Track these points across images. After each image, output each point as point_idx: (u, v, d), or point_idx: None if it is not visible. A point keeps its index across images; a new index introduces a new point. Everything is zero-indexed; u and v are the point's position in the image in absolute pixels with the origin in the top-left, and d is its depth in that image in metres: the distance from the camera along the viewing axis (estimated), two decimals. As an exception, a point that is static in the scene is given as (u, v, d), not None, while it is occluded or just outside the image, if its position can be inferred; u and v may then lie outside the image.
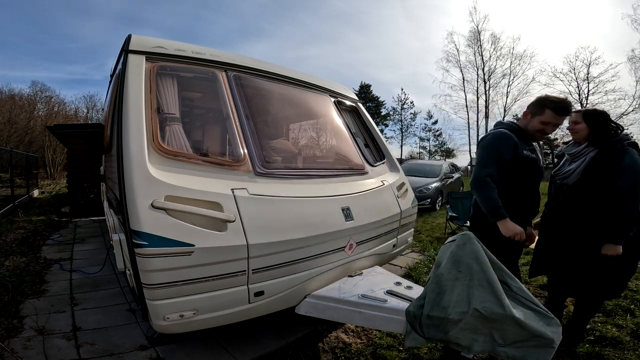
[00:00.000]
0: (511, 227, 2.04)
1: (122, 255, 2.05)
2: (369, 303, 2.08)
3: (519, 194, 2.17)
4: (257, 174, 2.24)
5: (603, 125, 2.14)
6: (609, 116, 2.19)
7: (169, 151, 2.00)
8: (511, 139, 2.11)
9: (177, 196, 1.81)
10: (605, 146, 2.12)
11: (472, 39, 30.38)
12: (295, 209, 2.20)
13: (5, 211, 7.10)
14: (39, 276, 3.56)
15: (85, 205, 7.37)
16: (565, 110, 2.11)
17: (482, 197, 2.10)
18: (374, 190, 2.93)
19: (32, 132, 24.73)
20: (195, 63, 2.41)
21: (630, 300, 3.12)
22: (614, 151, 2.08)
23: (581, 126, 2.20)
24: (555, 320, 1.68)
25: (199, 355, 2.25)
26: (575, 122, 2.24)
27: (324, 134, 4.27)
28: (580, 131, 2.21)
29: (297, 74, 3.10)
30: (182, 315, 1.81)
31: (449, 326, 1.74)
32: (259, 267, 1.99)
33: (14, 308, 2.80)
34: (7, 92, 27.16)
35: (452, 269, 1.81)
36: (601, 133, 2.14)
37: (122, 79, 2.07)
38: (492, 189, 2.07)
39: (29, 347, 2.26)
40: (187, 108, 3.76)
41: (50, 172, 23.09)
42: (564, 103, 2.14)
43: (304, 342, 2.50)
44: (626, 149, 2.07)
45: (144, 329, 2.54)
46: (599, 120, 2.16)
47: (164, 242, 1.69)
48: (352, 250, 2.53)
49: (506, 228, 2.04)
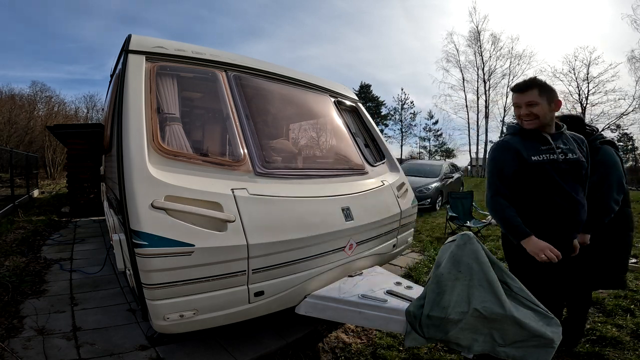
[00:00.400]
0: (534, 244, 1.76)
1: (122, 255, 2.05)
2: (369, 303, 2.08)
3: (545, 203, 1.82)
4: (257, 174, 2.24)
5: (578, 128, 2.27)
6: (583, 120, 2.39)
7: (169, 151, 2.00)
8: (510, 148, 1.85)
9: (177, 196, 1.82)
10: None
11: (472, 39, 30.41)
12: (295, 209, 2.20)
13: (5, 211, 7.09)
14: (39, 276, 3.56)
15: (85, 205, 7.37)
16: (515, 87, 1.89)
17: (498, 219, 1.90)
18: (374, 190, 2.93)
19: (32, 132, 24.72)
20: (195, 63, 2.41)
21: (630, 300, 3.12)
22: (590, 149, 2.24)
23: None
24: (555, 320, 1.68)
25: (199, 355, 2.25)
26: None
27: (324, 134, 4.27)
28: None
29: (297, 74, 3.10)
30: (182, 315, 1.81)
31: (449, 326, 1.74)
32: (259, 267, 1.99)
33: (14, 308, 2.80)
34: (7, 92, 27.18)
35: (452, 269, 1.81)
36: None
37: (122, 79, 2.07)
38: (505, 207, 1.83)
39: (29, 347, 2.26)
40: (187, 108, 3.76)
41: (50, 172, 23.09)
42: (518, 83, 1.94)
43: (304, 342, 2.50)
44: (599, 147, 2.23)
45: (144, 329, 2.54)
46: (575, 123, 2.29)
47: (164, 242, 1.69)
48: (352, 250, 2.53)
49: (530, 246, 1.77)
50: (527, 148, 1.83)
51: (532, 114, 1.81)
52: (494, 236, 5.93)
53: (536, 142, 1.85)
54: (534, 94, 1.78)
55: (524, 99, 1.81)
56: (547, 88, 1.81)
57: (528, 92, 1.80)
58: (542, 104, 1.78)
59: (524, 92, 1.81)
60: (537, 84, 1.80)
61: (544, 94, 1.78)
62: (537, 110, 1.79)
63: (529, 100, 1.79)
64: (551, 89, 1.82)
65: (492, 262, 1.78)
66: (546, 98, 1.79)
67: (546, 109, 1.80)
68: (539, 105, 1.79)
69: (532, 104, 1.79)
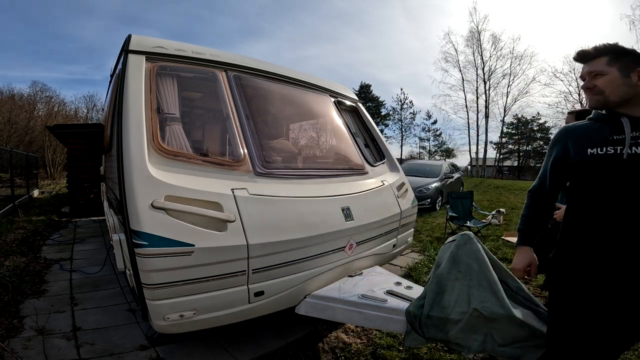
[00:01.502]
0: (516, 258, 1.51)
1: (122, 255, 2.05)
2: (369, 303, 2.08)
3: (604, 212, 1.26)
4: (257, 174, 2.24)
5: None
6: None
7: (169, 151, 2.00)
8: (561, 138, 1.43)
9: (177, 196, 1.82)
10: None
11: (471, 39, 30.41)
12: (295, 209, 2.20)
13: (5, 211, 7.09)
14: (39, 276, 3.56)
15: (85, 205, 7.37)
16: (576, 55, 1.44)
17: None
18: (374, 190, 2.93)
19: (32, 132, 24.72)
20: (195, 63, 2.41)
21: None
22: None
23: None
24: (555, 320, 1.68)
25: (199, 355, 2.25)
26: (569, 123, 2.32)
27: (324, 134, 4.27)
28: None
29: (297, 74, 3.10)
30: (182, 315, 1.81)
31: (449, 326, 1.74)
32: (259, 267, 1.99)
33: (14, 308, 2.80)
34: (7, 92, 27.18)
35: (452, 269, 1.81)
36: None
37: (122, 79, 2.07)
38: (528, 206, 1.55)
39: (29, 347, 2.26)
40: (187, 108, 3.76)
41: (50, 172, 23.09)
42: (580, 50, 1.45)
43: (304, 342, 2.50)
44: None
45: (144, 329, 2.54)
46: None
47: (164, 242, 1.69)
48: (352, 250, 2.53)
49: (516, 256, 1.52)
50: (586, 138, 1.34)
51: (595, 87, 1.33)
52: (494, 236, 5.93)
53: (608, 129, 1.31)
54: (599, 63, 1.32)
55: (586, 68, 1.36)
56: (621, 52, 1.32)
57: (592, 61, 1.34)
58: (611, 75, 1.30)
59: (587, 61, 1.36)
60: (605, 52, 1.33)
61: (614, 63, 1.30)
62: (603, 82, 1.31)
63: (592, 70, 1.34)
64: (630, 53, 1.31)
65: (492, 262, 1.79)
66: (618, 67, 1.29)
67: (619, 82, 1.29)
68: (605, 77, 1.30)
69: (597, 75, 1.33)
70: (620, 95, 1.29)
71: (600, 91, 1.32)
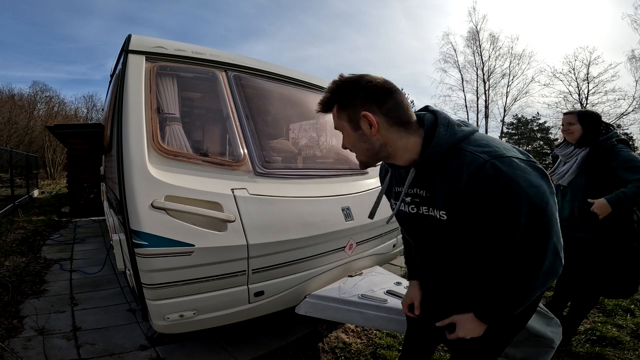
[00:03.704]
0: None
1: (122, 255, 2.05)
2: (369, 303, 2.08)
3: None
4: (257, 174, 2.24)
5: (596, 126, 2.27)
6: (600, 117, 2.35)
7: (169, 151, 2.00)
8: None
9: (177, 196, 1.81)
10: (595, 145, 2.24)
11: (470, 39, 30.37)
12: (295, 208, 2.20)
13: (5, 211, 7.10)
14: (39, 276, 3.56)
15: (85, 205, 7.37)
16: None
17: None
18: (375, 189, 2.92)
19: (32, 132, 24.75)
20: (195, 63, 2.41)
21: (630, 300, 3.12)
22: (604, 148, 2.21)
23: (576, 127, 2.32)
24: (555, 320, 1.68)
25: (199, 355, 2.25)
26: (570, 123, 2.35)
27: (324, 134, 4.27)
28: (575, 132, 2.33)
29: (297, 74, 3.10)
30: (182, 315, 1.81)
31: (449, 326, 1.74)
32: (259, 267, 1.99)
33: (14, 308, 2.80)
34: (7, 92, 27.19)
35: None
36: (593, 133, 2.27)
37: (122, 79, 2.07)
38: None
39: (29, 347, 2.26)
40: (187, 108, 3.76)
41: (50, 172, 23.11)
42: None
43: (304, 342, 2.50)
44: (615, 144, 2.21)
45: (144, 329, 2.54)
46: (593, 121, 2.29)
47: (164, 242, 1.69)
48: (352, 250, 2.53)
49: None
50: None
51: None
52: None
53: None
54: (334, 113, 1.16)
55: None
56: (346, 102, 1.08)
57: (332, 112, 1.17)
58: (346, 128, 1.13)
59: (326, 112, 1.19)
60: (334, 97, 1.14)
61: (343, 113, 1.12)
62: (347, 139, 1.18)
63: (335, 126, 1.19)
64: (351, 101, 1.08)
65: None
66: (347, 118, 1.10)
67: (354, 136, 1.12)
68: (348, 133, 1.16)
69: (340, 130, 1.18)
70: (376, 148, 1.14)
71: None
